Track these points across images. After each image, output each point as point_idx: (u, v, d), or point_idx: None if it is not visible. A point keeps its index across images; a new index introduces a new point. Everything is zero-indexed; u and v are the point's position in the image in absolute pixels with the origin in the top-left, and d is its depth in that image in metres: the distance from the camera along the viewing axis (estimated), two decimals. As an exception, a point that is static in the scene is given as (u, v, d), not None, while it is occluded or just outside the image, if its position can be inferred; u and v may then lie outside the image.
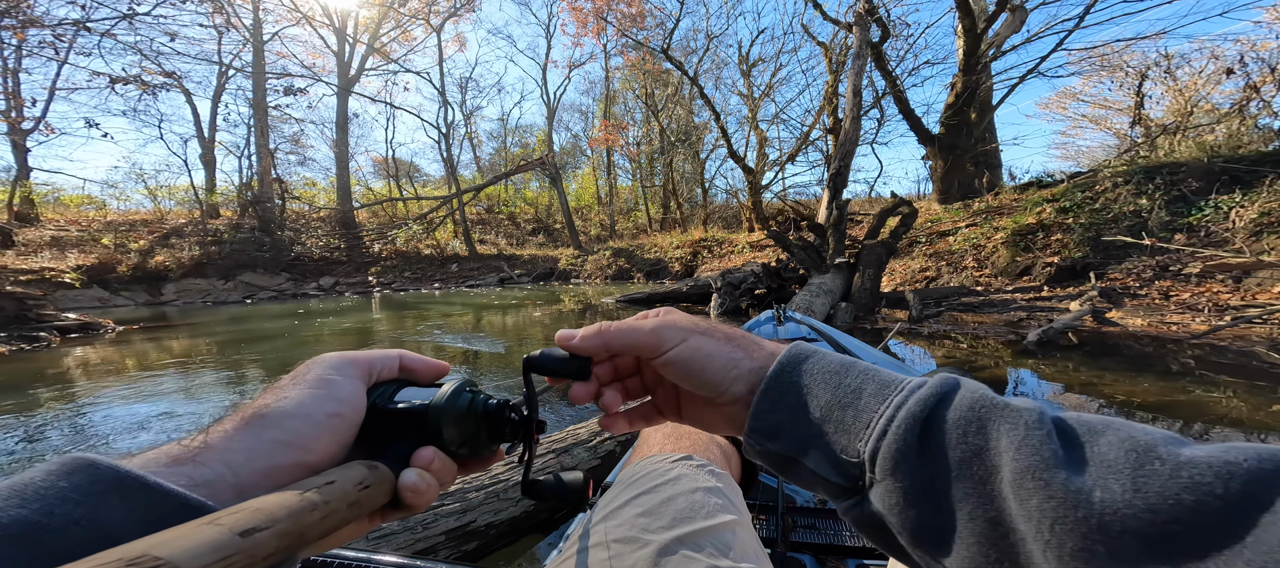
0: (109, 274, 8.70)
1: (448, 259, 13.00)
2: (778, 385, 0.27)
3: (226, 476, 0.21)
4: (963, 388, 0.24)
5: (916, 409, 0.23)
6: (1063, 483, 0.18)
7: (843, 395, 0.25)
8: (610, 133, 17.11)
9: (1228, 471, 0.16)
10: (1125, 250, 4.07)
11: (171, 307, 8.03)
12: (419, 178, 22.53)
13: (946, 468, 0.21)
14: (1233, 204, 3.96)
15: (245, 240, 11.09)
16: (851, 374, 0.26)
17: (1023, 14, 7.17)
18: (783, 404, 0.27)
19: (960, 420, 0.22)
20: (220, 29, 12.78)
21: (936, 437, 0.22)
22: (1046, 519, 0.18)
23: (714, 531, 0.42)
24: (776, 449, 0.26)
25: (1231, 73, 6.01)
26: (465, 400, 0.29)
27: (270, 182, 12.62)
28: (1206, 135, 5.59)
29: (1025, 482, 0.19)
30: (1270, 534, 0.14)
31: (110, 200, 14.68)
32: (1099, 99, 11.24)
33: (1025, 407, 0.21)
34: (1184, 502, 0.16)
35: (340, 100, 14.48)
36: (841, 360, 0.27)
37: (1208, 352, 2.36)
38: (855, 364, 0.27)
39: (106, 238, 9.88)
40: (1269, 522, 0.14)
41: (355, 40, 15.02)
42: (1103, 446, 0.19)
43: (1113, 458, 0.18)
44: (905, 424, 0.22)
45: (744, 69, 14.23)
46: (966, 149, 7.41)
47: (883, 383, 0.25)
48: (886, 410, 0.23)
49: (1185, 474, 0.16)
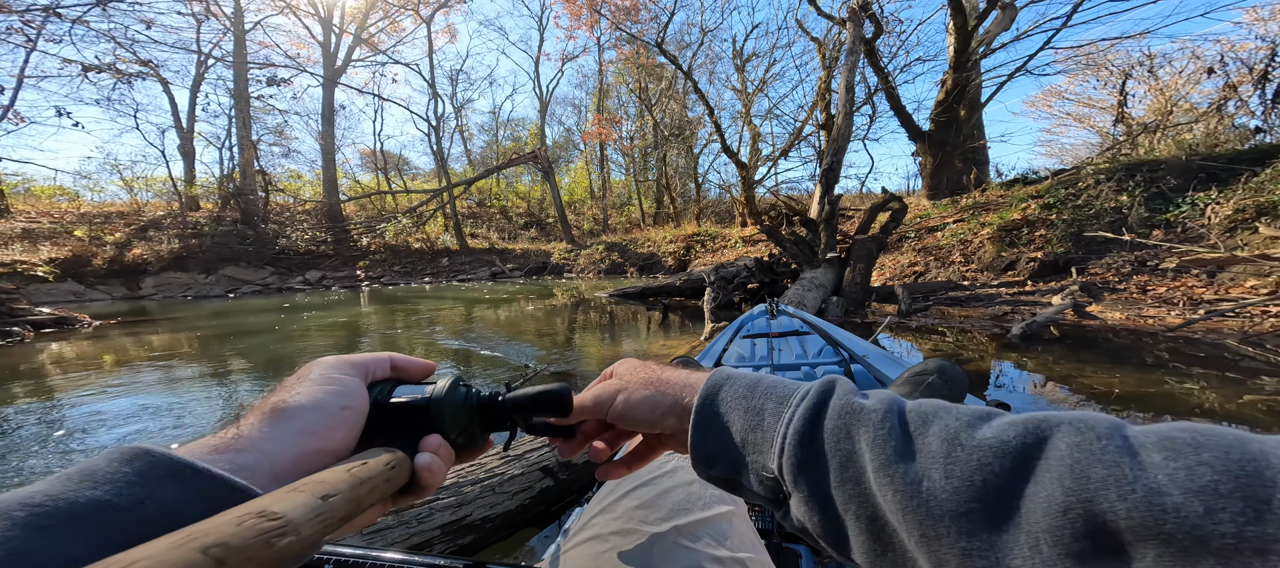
0: (84, 268, 8.42)
1: (438, 253, 12.84)
2: (702, 417, 0.29)
3: (264, 463, 0.24)
4: (835, 394, 0.26)
5: (800, 425, 0.25)
6: (902, 475, 0.20)
7: (751, 418, 0.27)
8: (604, 127, 16.98)
9: (1002, 449, 0.19)
10: (1106, 246, 4.18)
11: (151, 301, 7.81)
12: (408, 171, 22.15)
13: (830, 474, 0.23)
14: (1209, 201, 4.08)
15: (227, 233, 10.80)
16: (756, 395, 0.28)
17: (1013, 12, 7.26)
18: (711, 433, 0.29)
19: (834, 430, 0.24)
20: (199, 17, 12.34)
21: (820, 446, 0.24)
22: (897, 509, 0.20)
23: (711, 521, 0.42)
24: (717, 474, 0.29)
25: (1212, 72, 6.17)
26: (461, 394, 0.32)
27: (253, 174, 12.29)
28: (1185, 134, 5.75)
29: (880, 478, 0.21)
30: (1034, 505, 0.17)
31: (84, 191, 14.19)
32: (1083, 98, 11.48)
33: (875, 406, 0.24)
34: (975, 482, 0.18)
35: (326, 91, 14.12)
36: (750, 381, 0.29)
37: (1182, 344, 2.44)
38: (760, 382, 0.29)
39: (80, 230, 9.55)
40: (1032, 492, 0.17)
41: (341, 30, 14.63)
42: (929, 436, 0.21)
43: (934, 448, 0.20)
44: (795, 439, 0.25)
45: (738, 64, 14.22)
46: (955, 146, 7.52)
47: (779, 400, 0.27)
48: (782, 428, 0.26)
49: (975, 458, 0.19)
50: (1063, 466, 0.17)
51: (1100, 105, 10.40)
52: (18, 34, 8.88)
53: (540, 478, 1.10)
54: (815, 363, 1.24)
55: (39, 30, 9.36)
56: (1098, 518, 0.16)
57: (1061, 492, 0.17)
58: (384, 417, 0.30)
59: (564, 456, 0.37)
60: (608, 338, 3.54)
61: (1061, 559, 0.16)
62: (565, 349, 3.07)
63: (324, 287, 9.93)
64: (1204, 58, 6.90)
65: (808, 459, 0.24)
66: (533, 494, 1.07)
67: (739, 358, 1.46)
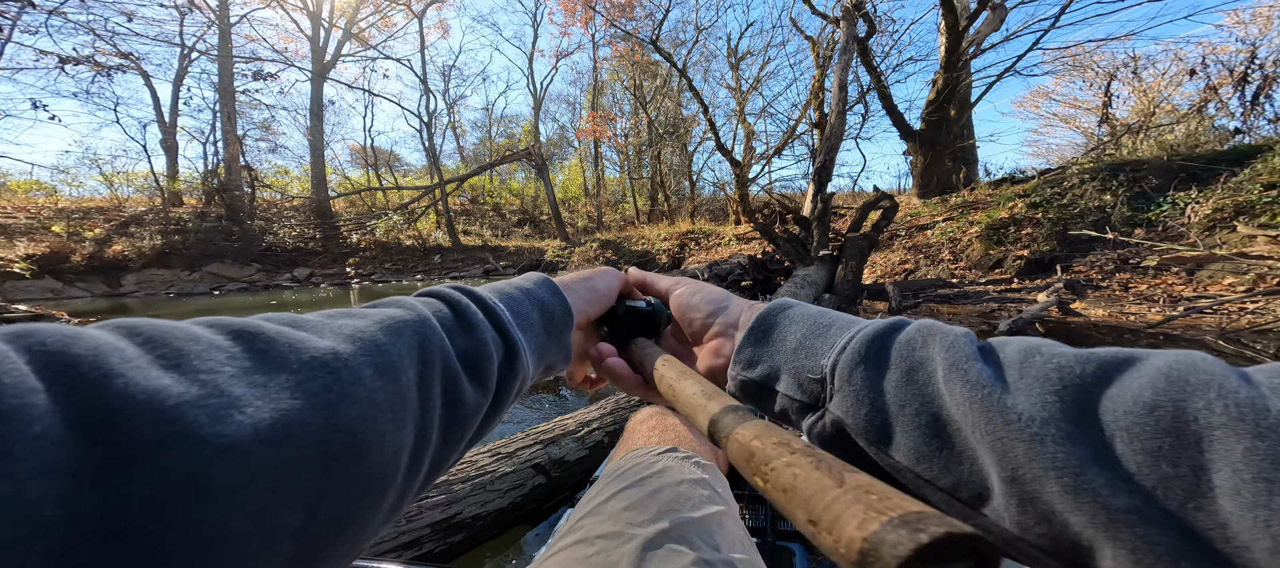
0: (62, 264, 8.19)
1: (430, 250, 12.70)
2: (763, 322, 0.32)
3: (576, 303, 0.37)
4: (914, 323, 0.27)
5: (870, 331, 0.27)
6: (977, 372, 0.21)
7: (815, 329, 0.29)
8: (598, 124, 16.90)
9: (1086, 359, 0.20)
10: (1090, 244, 4.26)
11: (133, 298, 7.63)
12: (399, 167, 21.85)
13: (895, 374, 0.24)
14: (1189, 201, 4.18)
15: (212, 230, 10.57)
16: (826, 316, 0.31)
17: (1003, 12, 7.35)
18: (765, 338, 0.31)
19: (908, 339, 0.25)
20: (182, 10, 12.03)
21: (888, 351, 0.25)
22: (965, 402, 0.21)
23: (700, 523, 0.42)
24: (753, 377, 0.31)
25: (1194, 74, 6.31)
26: (661, 307, 0.43)
27: (238, 169, 12.03)
28: (1167, 135, 5.87)
29: (952, 376, 0.22)
30: (1116, 404, 0.18)
31: (62, 186, 13.77)
32: (1069, 99, 11.68)
33: (949, 329, 0.25)
34: (1050, 380, 0.19)
35: (314, 86, 13.85)
36: (820, 310, 0.32)
37: (1162, 341, 2.50)
38: (830, 313, 0.31)
39: (58, 225, 9.27)
40: (1114, 394, 0.18)
41: (331, 25, 14.36)
42: (1007, 351, 0.22)
43: (1010, 357, 0.22)
44: (862, 340, 0.26)
45: (732, 62, 14.22)
46: (946, 145, 7.61)
47: (849, 321, 0.29)
48: (847, 336, 0.27)
49: (1055, 361, 0.20)
50: (1156, 372, 0.17)
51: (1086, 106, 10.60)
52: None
53: (532, 475, 1.09)
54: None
55: (14, 21, 9.07)
56: (1187, 416, 0.16)
57: (1151, 393, 0.17)
58: (619, 315, 0.42)
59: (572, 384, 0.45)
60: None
61: (1135, 454, 0.16)
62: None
63: (313, 284, 9.78)
64: (1186, 60, 7.06)
65: (870, 359, 0.25)
66: (524, 492, 1.07)
67: (732, 355, 1.46)
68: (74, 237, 9.04)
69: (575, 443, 1.21)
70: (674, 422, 0.66)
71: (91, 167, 13.53)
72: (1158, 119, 6.44)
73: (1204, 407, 0.16)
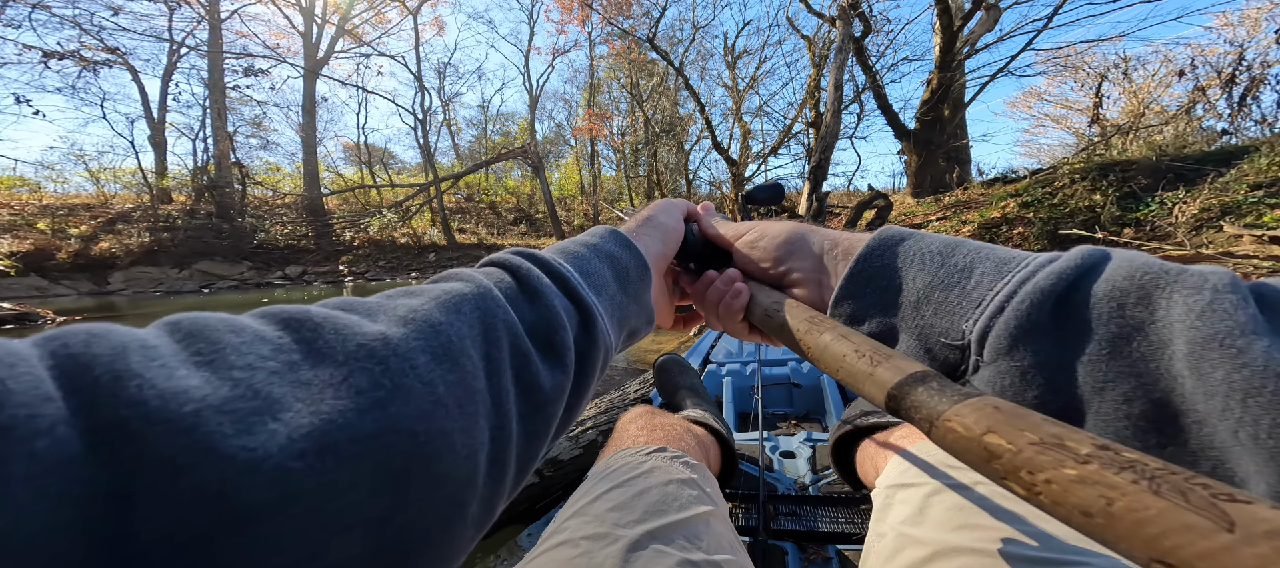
0: (48, 262, 8.04)
1: (424, 248, 12.61)
2: (867, 267, 0.26)
3: (650, 249, 0.34)
4: (1115, 258, 0.20)
5: (1047, 283, 0.20)
6: (1263, 351, 0.15)
7: (947, 275, 0.23)
8: (594, 122, 16.86)
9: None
10: (1080, 243, 4.31)
11: (120, 296, 7.51)
12: (394, 165, 21.65)
13: (1091, 346, 0.18)
14: (1176, 201, 4.24)
15: (201, 227, 10.43)
16: (959, 253, 0.23)
17: (997, 12, 7.41)
18: (869, 288, 0.25)
19: (1113, 293, 0.18)
20: (171, 4, 11.83)
21: (1078, 312, 0.19)
22: (1237, 394, 0.15)
23: (686, 523, 0.41)
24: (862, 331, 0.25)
25: (1182, 75, 6.39)
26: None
27: (228, 166, 11.88)
28: (1156, 135, 5.95)
29: (1209, 353, 0.16)
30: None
31: (46, 183, 13.50)
32: (1061, 99, 11.81)
33: (1211, 271, 0.18)
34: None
35: (307, 83, 13.68)
36: (945, 240, 0.25)
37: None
38: (963, 243, 0.24)
39: (43, 222, 9.10)
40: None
41: (324, 21, 14.19)
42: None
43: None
44: (1032, 298, 0.19)
45: (729, 60, 14.22)
46: (939, 145, 7.66)
47: (1000, 261, 0.22)
48: (1005, 287, 0.21)
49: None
50: None
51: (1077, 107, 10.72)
52: (-29, 16, 8.39)
53: (525, 475, 1.09)
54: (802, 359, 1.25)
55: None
56: None
57: None
58: (691, 245, 0.41)
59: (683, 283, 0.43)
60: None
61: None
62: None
63: (305, 282, 9.67)
64: (1175, 61, 7.15)
65: (1047, 325, 0.19)
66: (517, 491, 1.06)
67: (727, 353, 1.46)
68: (59, 234, 8.88)
69: (569, 442, 1.20)
70: (663, 421, 0.65)
71: (77, 163, 13.29)
72: (1147, 120, 6.52)
73: None
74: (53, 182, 13.54)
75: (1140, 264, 0.19)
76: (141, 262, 8.99)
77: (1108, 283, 0.19)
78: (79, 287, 7.96)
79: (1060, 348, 0.19)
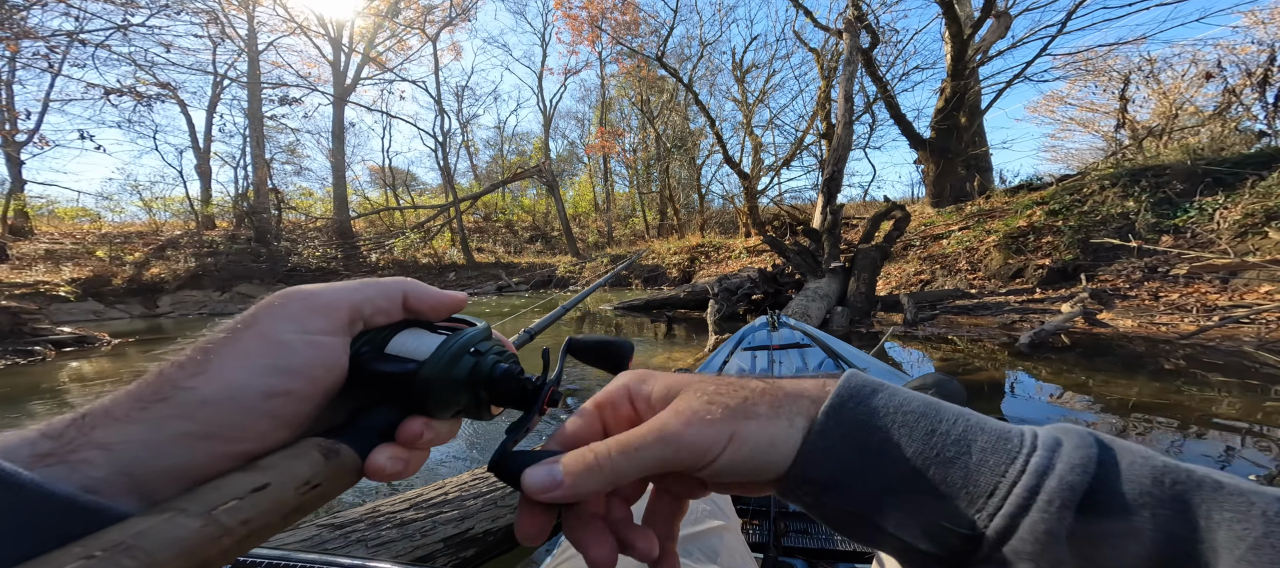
0: (104, 287, 8.64)
1: (445, 268, 13.00)
2: (837, 426, 0.21)
3: (118, 481, 0.16)
4: (1119, 448, 0.18)
5: (1074, 478, 0.17)
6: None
7: (941, 447, 0.20)
8: (606, 140, 17.22)
9: None
10: (1114, 252, 4.13)
11: (167, 318, 7.98)
12: (416, 186, 22.57)
13: (1130, 558, 0.16)
14: (1217, 206, 4.04)
15: (241, 251, 11.05)
16: (944, 419, 0.21)
17: (1007, 19, 7.32)
18: (845, 450, 0.21)
19: (1143, 497, 0.17)
20: (215, 39, 12.83)
21: (1105, 516, 0.17)
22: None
23: (700, 537, 0.42)
24: (838, 505, 0.21)
25: (1211, 77, 6.14)
26: (467, 366, 0.24)
27: (266, 192, 12.60)
28: (1191, 138, 5.70)
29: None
30: None
31: (105, 212, 14.63)
32: (1086, 102, 11.44)
33: (1252, 489, 0.16)
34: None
35: (336, 109, 14.50)
36: (924, 401, 0.22)
37: (1199, 351, 2.39)
38: (944, 405, 0.21)
39: (101, 250, 9.82)
40: None
41: (351, 49, 15.10)
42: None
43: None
44: (1062, 498, 0.17)
45: (738, 75, 14.40)
46: (957, 153, 7.52)
47: (996, 434, 0.20)
48: (1021, 477, 0.18)
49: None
50: None
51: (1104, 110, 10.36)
52: (43, 60, 9.27)
53: (543, 493, 1.11)
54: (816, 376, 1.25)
55: (63, 55, 9.78)
56: None
57: None
58: (362, 381, 0.23)
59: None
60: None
61: None
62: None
63: (333, 302, 10.08)
64: (1203, 61, 6.88)
65: (1078, 528, 0.17)
66: (535, 509, 1.09)
67: (739, 370, 1.47)
68: (115, 261, 9.55)
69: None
70: None
71: (132, 193, 14.34)
72: (1181, 121, 6.26)
73: None
74: (111, 211, 14.65)
75: (1161, 466, 0.17)
76: (187, 285, 9.56)
77: (1132, 484, 0.17)
78: (131, 310, 8.51)
79: (1094, 555, 0.17)
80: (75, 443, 0.17)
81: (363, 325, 0.23)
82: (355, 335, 0.23)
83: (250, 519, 0.17)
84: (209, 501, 0.16)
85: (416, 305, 0.25)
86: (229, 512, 0.16)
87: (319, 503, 0.20)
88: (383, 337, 0.24)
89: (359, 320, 0.23)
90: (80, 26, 9.07)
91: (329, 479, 0.20)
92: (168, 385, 0.18)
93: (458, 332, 0.25)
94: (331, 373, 0.21)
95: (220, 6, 11.88)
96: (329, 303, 0.22)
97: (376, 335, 0.24)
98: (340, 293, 0.23)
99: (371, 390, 0.23)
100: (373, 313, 0.24)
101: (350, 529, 0.87)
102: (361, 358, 0.23)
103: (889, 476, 0.20)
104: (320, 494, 0.19)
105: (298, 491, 0.18)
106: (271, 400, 0.19)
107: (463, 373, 0.24)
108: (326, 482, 0.20)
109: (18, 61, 9.74)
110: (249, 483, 0.17)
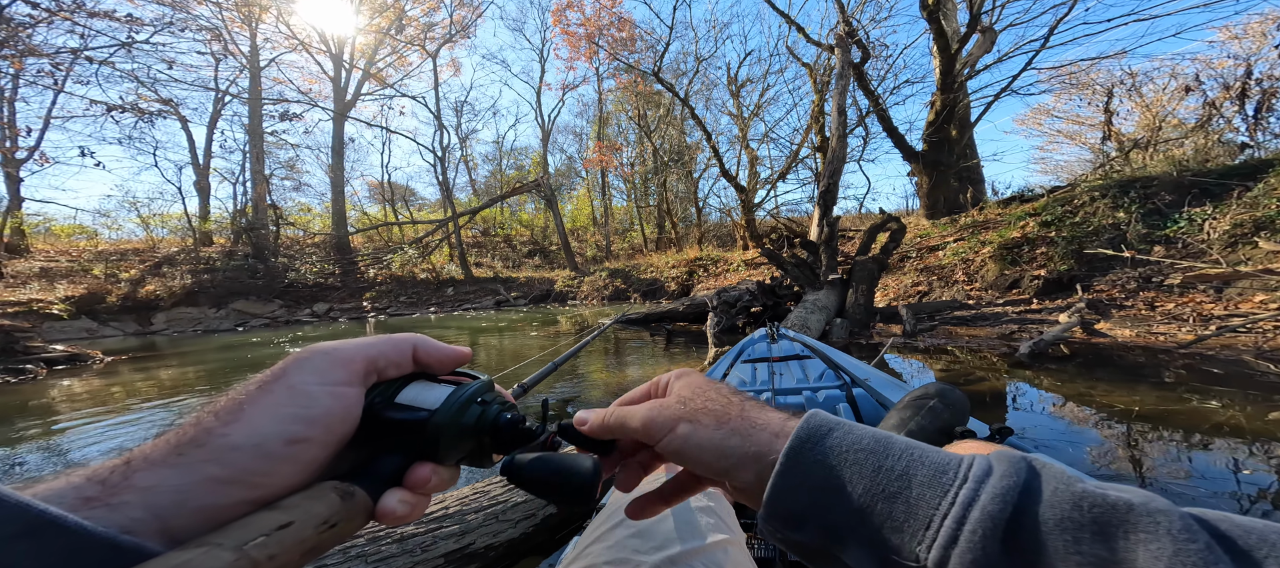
0: (98, 305, 8.57)
1: (443, 283, 12.96)
2: (798, 466, 0.23)
3: (149, 523, 0.18)
4: (1046, 475, 0.20)
5: (995, 508, 0.18)
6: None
7: (887, 482, 0.21)
8: (604, 154, 17.44)
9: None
10: (1108, 263, 4.18)
11: (161, 336, 7.90)
12: (414, 201, 22.69)
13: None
14: (1205, 217, 4.11)
15: (238, 268, 11.01)
16: (891, 455, 0.22)
17: (992, 35, 7.54)
18: (805, 488, 0.22)
19: (1063, 523, 0.18)
20: (217, 56, 13.02)
21: (1030, 543, 0.18)
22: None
23: (705, 551, 0.42)
24: (802, 540, 0.22)
25: (1190, 91, 6.32)
26: (474, 415, 0.26)
27: (265, 208, 12.63)
28: (1176, 150, 5.83)
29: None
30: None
31: (102, 229, 14.60)
32: (1071, 115, 11.72)
33: (1159, 508, 0.17)
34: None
35: (336, 125, 14.66)
36: (874, 436, 0.23)
37: (1198, 361, 2.40)
38: (892, 441, 0.23)
39: (97, 268, 9.77)
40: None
41: (351, 66, 15.34)
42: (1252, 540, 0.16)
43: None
44: (984, 529, 0.18)
45: (733, 89, 14.69)
46: (949, 165, 7.65)
47: (935, 467, 0.21)
48: (951, 509, 0.19)
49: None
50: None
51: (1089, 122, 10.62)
52: (47, 77, 9.33)
53: (544, 505, 1.10)
54: (816, 387, 1.25)
55: (67, 71, 9.86)
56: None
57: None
58: (375, 430, 0.25)
59: (606, 473, 0.31)
60: (612, 364, 3.54)
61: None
62: (570, 376, 3.07)
63: (331, 318, 10.01)
64: (1182, 76, 7.09)
65: (999, 557, 0.18)
66: (536, 522, 1.07)
67: (740, 382, 1.47)
68: (111, 278, 9.49)
69: (587, 474, 1.21)
70: None
71: (130, 210, 14.35)
72: (1165, 133, 6.41)
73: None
74: (108, 228, 14.62)
75: (1080, 492, 0.18)
76: (182, 302, 9.49)
77: (1054, 509, 0.18)
78: (125, 327, 8.42)
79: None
80: (118, 487, 0.18)
81: (377, 377, 0.26)
82: (369, 386, 0.25)
83: (276, 556, 0.18)
84: (240, 537, 0.18)
85: (425, 359, 0.28)
86: (257, 547, 0.18)
87: (334, 542, 0.21)
88: (394, 388, 0.26)
89: (373, 372, 0.25)
90: (85, 43, 9.18)
91: (345, 520, 0.21)
92: (203, 432, 0.20)
93: (462, 384, 0.27)
94: (347, 421, 0.23)
95: (224, 24, 12.09)
96: (348, 356, 0.24)
97: (388, 387, 0.26)
98: (358, 348, 0.25)
99: (383, 438, 0.25)
100: (386, 366, 0.26)
101: (350, 546, 0.86)
102: (376, 407, 0.25)
103: (842, 512, 0.21)
104: (337, 534, 0.21)
105: (317, 529, 0.20)
106: (294, 446, 0.21)
107: (470, 421, 0.26)
108: (343, 522, 0.21)
109: (22, 79, 9.83)
110: (274, 521, 0.19)
